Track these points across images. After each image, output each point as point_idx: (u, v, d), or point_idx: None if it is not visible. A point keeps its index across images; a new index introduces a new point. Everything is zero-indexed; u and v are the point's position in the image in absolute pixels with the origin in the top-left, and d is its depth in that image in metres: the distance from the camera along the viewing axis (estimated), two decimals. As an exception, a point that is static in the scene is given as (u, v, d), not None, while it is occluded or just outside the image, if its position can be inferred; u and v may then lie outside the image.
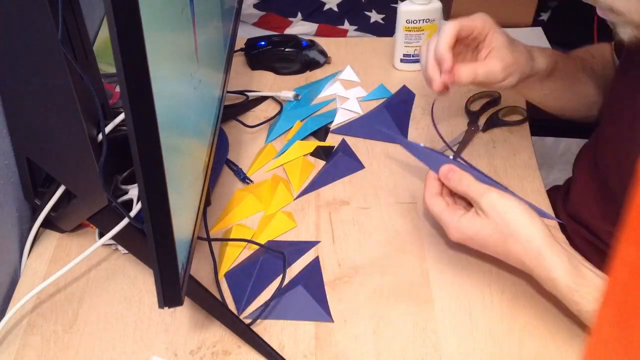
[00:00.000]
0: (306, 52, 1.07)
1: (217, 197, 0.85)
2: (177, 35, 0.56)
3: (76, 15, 0.65)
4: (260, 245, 0.78)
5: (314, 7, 1.68)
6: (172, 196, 0.50)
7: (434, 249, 0.78)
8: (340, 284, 0.75)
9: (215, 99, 0.76)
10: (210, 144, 0.72)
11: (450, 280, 0.75)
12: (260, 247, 0.78)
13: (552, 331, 0.70)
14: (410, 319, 0.72)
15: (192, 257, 0.61)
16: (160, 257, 0.52)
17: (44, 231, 0.80)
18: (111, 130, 0.69)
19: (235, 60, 1.06)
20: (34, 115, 0.68)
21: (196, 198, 0.65)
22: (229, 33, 0.87)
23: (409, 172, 0.89)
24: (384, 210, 0.84)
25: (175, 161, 0.53)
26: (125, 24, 0.42)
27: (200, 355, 0.68)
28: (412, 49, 1.06)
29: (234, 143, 0.93)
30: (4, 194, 0.74)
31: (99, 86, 0.71)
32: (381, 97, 1.02)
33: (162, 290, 0.54)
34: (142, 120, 0.45)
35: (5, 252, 0.75)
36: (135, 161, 0.47)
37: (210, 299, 0.69)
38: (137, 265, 0.76)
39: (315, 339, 0.70)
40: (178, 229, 0.53)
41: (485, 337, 0.69)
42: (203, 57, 0.67)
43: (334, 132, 0.96)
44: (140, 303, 0.73)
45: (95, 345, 0.70)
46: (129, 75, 0.43)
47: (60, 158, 0.70)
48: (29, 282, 0.75)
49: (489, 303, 0.73)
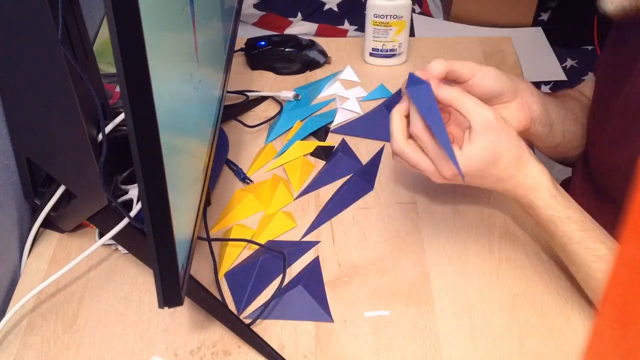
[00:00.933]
0: (306, 52, 1.07)
1: (217, 197, 0.85)
2: (177, 35, 0.56)
3: (76, 15, 0.65)
4: (261, 245, 0.78)
5: (314, 7, 1.68)
6: (172, 196, 0.50)
7: (434, 249, 0.78)
8: (340, 284, 0.75)
9: (215, 99, 0.76)
10: (210, 144, 0.72)
11: (450, 280, 0.75)
12: (261, 247, 0.78)
13: (552, 331, 0.70)
14: (410, 319, 0.72)
15: (192, 257, 0.61)
16: (160, 257, 0.52)
17: (44, 231, 0.80)
18: (111, 130, 0.69)
19: (235, 60, 1.06)
20: (34, 115, 0.68)
21: (196, 198, 0.65)
22: (229, 33, 0.87)
23: (409, 172, 0.89)
24: (384, 210, 0.84)
25: (175, 161, 0.53)
26: (125, 24, 0.42)
27: (200, 355, 0.68)
28: (381, 44, 1.06)
29: (234, 143, 0.93)
30: (4, 194, 0.74)
31: (99, 86, 0.71)
32: (381, 97, 1.02)
33: (162, 290, 0.54)
34: (142, 120, 0.45)
35: (5, 252, 0.75)
36: (135, 161, 0.47)
37: (210, 299, 0.69)
38: (137, 265, 0.76)
39: (315, 339, 0.70)
40: (178, 229, 0.53)
41: (485, 337, 0.69)
42: (203, 57, 0.67)
43: (334, 132, 0.96)
44: (140, 303, 0.73)
45: (95, 345, 0.70)
46: (129, 75, 0.43)
47: (60, 158, 0.70)
48: (29, 282, 0.75)
49: (489, 303, 0.73)
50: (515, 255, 0.78)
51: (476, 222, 0.82)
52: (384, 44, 1.06)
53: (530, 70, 1.74)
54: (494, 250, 0.78)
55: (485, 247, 0.79)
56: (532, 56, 1.83)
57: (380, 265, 0.77)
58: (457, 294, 0.74)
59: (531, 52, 1.84)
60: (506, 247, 0.79)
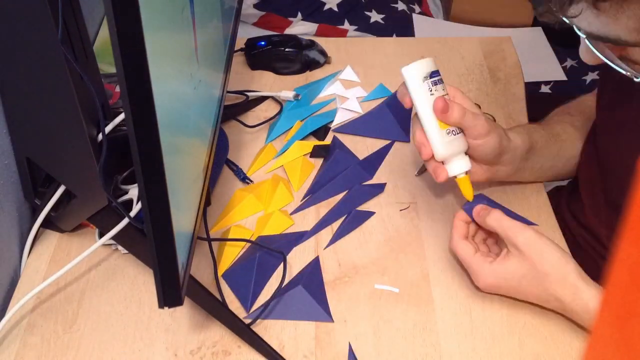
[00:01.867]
0: (306, 52, 1.07)
1: (217, 197, 0.85)
2: (177, 35, 0.56)
3: (76, 15, 0.65)
4: (261, 245, 0.78)
5: (314, 7, 1.68)
6: (172, 196, 0.50)
7: (434, 249, 0.78)
8: (340, 284, 0.75)
9: (215, 99, 0.76)
10: (210, 144, 0.72)
11: (450, 280, 0.75)
12: (259, 247, 0.78)
13: (552, 331, 0.70)
14: (410, 319, 0.72)
15: (192, 257, 0.61)
16: (160, 257, 0.52)
17: (44, 231, 0.80)
18: (111, 130, 0.69)
19: (235, 60, 1.06)
20: (34, 115, 0.68)
21: (196, 198, 0.65)
22: (229, 33, 0.87)
23: (409, 172, 0.89)
24: (384, 210, 0.84)
25: (175, 161, 0.53)
26: (125, 24, 0.42)
27: (200, 355, 0.68)
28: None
29: (234, 143, 0.93)
30: (4, 194, 0.74)
31: (99, 86, 0.71)
32: (381, 96, 1.02)
33: (162, 290, 0.54)
34: (142, 120, 0.45)
35: (5, 252, 0.75)
36: (135, 161, 0.47)
37: (210, 299, 0.69)
38: (137, 265, 0.76)
39: (315, 339, 0.70)
40: (178, 229, 0.53)
41: (485, 337, 0.69)
42: (203, 57, 0.67)
43: (335, 132, 0.96)
44: (140, 303, 0.73)
45: (95, 345, 0.70)
46: (129, 75, 0.43)
47: (60, 158, 0.70)
48: (29, 282, 0.75)
49: (489, 303, 0.73)
50: (515, 255, 0.77)
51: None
52: None
53: (530, 70, 1.74)
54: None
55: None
56: (532, 56, 1.83)
57: (380, 265, 0.77)
58: (457, 294, 0.74)
59: (531, 52, 1.84)
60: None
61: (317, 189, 0.86)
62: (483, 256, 0.69)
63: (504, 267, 0.67)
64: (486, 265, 0.68)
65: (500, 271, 0.68)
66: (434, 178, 0.71)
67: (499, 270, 0.68)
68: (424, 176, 0.88)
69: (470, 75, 1.05)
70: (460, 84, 1.05)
